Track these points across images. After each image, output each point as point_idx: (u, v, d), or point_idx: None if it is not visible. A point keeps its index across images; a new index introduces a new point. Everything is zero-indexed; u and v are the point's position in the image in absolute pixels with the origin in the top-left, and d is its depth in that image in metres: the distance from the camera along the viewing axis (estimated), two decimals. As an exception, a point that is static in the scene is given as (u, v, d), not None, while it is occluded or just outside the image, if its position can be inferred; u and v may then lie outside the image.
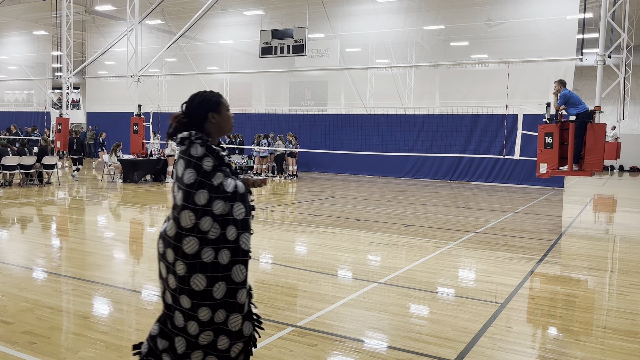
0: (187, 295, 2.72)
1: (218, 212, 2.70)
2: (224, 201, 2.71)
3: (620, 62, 16.89)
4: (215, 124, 2.93)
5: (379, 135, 22.02)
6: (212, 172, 2.73)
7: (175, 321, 2.80)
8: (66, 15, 19.40)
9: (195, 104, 2.93)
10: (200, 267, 2.70)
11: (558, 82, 10.67)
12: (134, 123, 18.03)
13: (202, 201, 2.68)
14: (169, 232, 2.75)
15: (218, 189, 2.71)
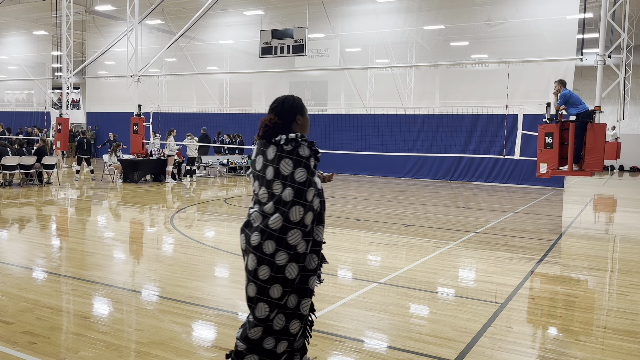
0: (280, 284, 2.93)
1: (315, 208, 2.99)
2: (319, 197, 3.02)
3: (620, 62, 16.88)
4: (300, 125, 3.17)
5: (379, 135, 22.02)
6: (314, 171, 3.04)
7: (257, 312, 2.98)
8: (66, 15, 19.39)
9: (286, 107, 3.16)
10: (294, 257, 2.94)
11: (558, 82, 10.67)
12: (134, 123, 18.03)
13: (310, 197, 2.96)
14: (272, 226, 2.90)
15: (317, 186, 3.02)
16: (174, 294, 5.19)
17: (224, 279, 6.08)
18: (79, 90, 39.41)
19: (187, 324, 4.39)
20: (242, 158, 22.02)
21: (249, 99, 27.26)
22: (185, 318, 4.52)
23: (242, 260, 3.08)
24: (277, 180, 2.95)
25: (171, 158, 17.18)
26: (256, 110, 26.18)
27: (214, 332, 4.23)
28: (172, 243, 7.94)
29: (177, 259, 6.84)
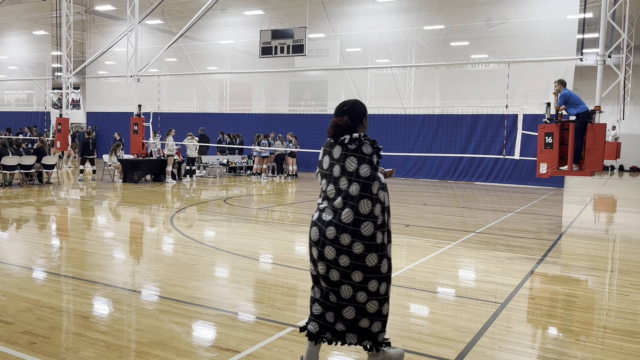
0: (360, 270, 3.24)
1: (382, 200, 3.31)
2: (384, 191, 3.34)
3: (620, 62, 16.88)
4: (363, 127, 3.50)
5: (379, 135, 22.00)
6: (377, 167, 3.36)
7: (341, 294, 3.29)
8: (66, 15, 19.39)
9: (357, 111, 3.48)
10: (374, 247, 3.24)
11: (558, 82, 10.67)
12: (134, 123, 18.03)
13: (375, 191, 3.27)
14: (344, 220, 3.21)
15: (380, 180, 3.35)
16: (174, 294, 5.19)
17: (224, 279, 6.08)
18: (79, 90, 39.43)
19: (187, 324, 4.39)
20: (242, 158, 22.01)
21: (249, 99, 27.26)
22: (185, 318, 4.52)
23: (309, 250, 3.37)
24: (343, 177, 3.29)
25: (171, 158, 17.18)
26: (256, 110, 26.18)
27: (214, 332, 4.23)
28: (172, 243, 7.95)
29: (177, 259, 6.84)
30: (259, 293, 5.41)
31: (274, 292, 5.41)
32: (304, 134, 23.20)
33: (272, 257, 7.16)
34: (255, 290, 5.53)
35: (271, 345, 3.97)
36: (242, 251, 7.34)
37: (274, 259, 7.00)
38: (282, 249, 7.63)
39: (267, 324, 4.41)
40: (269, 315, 4.62)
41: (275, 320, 4.52)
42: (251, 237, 8.38)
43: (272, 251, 7.53)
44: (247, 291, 5.46)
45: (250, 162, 21.63)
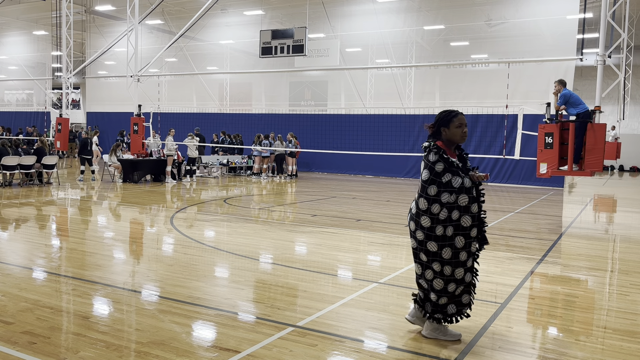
0: (424, 253, 4.07)
1: (444, 201, 3.90)
2: (449, 193, 3.89)
3: (620, 62, 16.89)
4: (446, 134, 4.08)
5: (379, 135, 22.02)
6: (442, 173, 3.91)
7: (416, 270, 4.28)
8: (66, 15, 19.39)
9: (437, 119, 4.13)
10: (434, 237, 3.98)
11: (558, 82, 10.66)
12: (134, 123, 18.03)
13: (432, 193, 3.93)
14: (413, 210, 4.10)
15: (446, 185, 3.90)
16: (174, 294, 5.19)
17: (224, 279, 6.08)
18: (79, 90, 39.43)
19: (187, 324, 4.40)
20: (242, 158, 22.01)
21: (249, 99, 27.26)
22: (185, 318, 4.52)
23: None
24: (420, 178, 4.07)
25: (170, 158, 17.18)
26: (256, 110, 26.18)
27: (214, 332, 4.23)
28: (172, 243, 7.95)
29: (177, 259, 6.84)
30: (259, 293, 5.41)
31: (274, 292, 5.41)
32: (304, 134, 23.20)
33: (272, 257, 7.16)
34: (255, 290, 5.53)
35: (271, 345, 3.97)
36: (242, 251, 7.35)
37: (274, 259, 7.00)
38: (282, 249, 7.63)
39: (267, 324, 4.41)
40: (269, 315, 4.62)
41: (275, 320, 4.52)
42: (251, 237, 8.39)
43: (272, 251, 7.53)
44: (247, 291, 5.46)
45: (250, 162, 21.62)
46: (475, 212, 3.97)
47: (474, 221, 3.96)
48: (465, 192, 3.91)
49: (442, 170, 3.91)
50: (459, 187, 3.90)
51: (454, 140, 4.07)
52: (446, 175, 3.90)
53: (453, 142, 4.09)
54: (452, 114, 4.06)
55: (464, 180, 3.92)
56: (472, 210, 3.95)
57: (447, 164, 3.92)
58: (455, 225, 3.93)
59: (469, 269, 4.08)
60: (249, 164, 21.74)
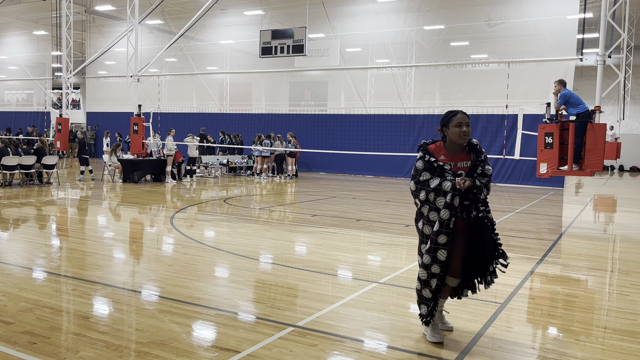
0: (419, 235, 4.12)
1: (422, 198, 4.00)
2: (425, 192, 3.96)
3: (620, 62, 16.88)
4: (447, 135, 4.07)
5: (379, 135, 22.02)
6: (420, 171, 3.99)
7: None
8: (66, 15, 19.39)
9: (440, 120, 4.12)
10: (417, 229, 4.13)
11: (558, 82, 10.66)
12: (134, 123, 18.03)
13: (412, 187, 4.09)
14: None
15: (423, 183, 3.98)
16: (174, 294, 5.19)
17: (224, 279, 6.08)
18: (79, 90, 39.42)
19: (187, 324, 4.40)
20: (242, 158, 22.01)
21: (249, 99, 27.26)
22: (185, 318, 4.52)
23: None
24: None
25: (170, 158, 17.18)
26: (256, 110, 26.18)
27: (214, 332, 4.23)
28: (172, 243, 7.95)
29: (177, 259, 6.84)
30: (259, 293, 5.41)
31: (274, 292, 5.41)
32: (304, 134, 23.19)
33: (272, 257, 7.16)
34: (255, 290, 5.53)
35: (271, 345, 3.97)
36: (242, 251, 7.35)
37: (274, 259, 7.00)
38: (282, 249, 7.63)
39: (267, 324, 4.41)
40: (269, 315, 4.62)
41: (275, 320, 4.52)
42: (251, 237, 8.39)
43: (272, 251, 7.53)
44: (247, 291, 5.46)
45: (250, 162, 21.62)
46: (445, 218, 3.86)
47: (442, 228, 3.87)
48: (443, 195, 3.88)
49: (421, 169, 3.98)
50: (435, 189, 3.91)
51: (453, 139, 4.01)
52: (424, 174, 3.96)
53: (453, 142, 4.03)
54: (451, 113, 4.04)
55: (443, 183, 3.88)
56: (442, 216, 3.87)
57: (427, 164, 3.96)
58: (431, 226, 3.96)
59: (433, 275, 3.96)
60: (249, 164, 21.74)
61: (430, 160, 3.94)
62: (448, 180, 3.87)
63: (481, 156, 4.05)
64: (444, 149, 4.04)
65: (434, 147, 4.06)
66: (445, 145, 4.06)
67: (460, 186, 3.84)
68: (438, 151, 4.04)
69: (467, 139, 4.02)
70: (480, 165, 4.02)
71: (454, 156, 4.04)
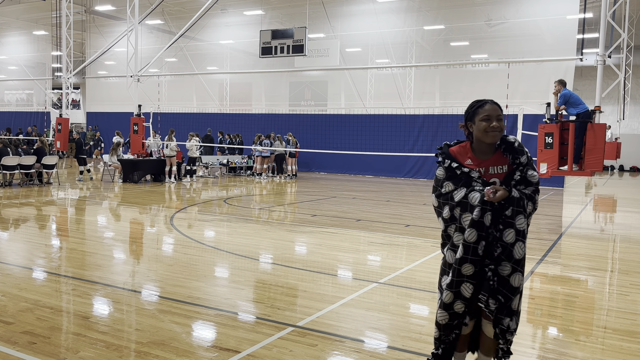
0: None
1: (446, 216, 3.06)
2: (449, 208, 3.03)
3: (620, 62, 16.88)
4: (473, 133, 3.09)
5: (379, 135, 22.01)
6: (442, 181, 3.07)
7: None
8: (66, 15, 19.39)
9: (464, 112, 3.14)
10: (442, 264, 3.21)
11: (558, 82, 10.67)
12: (134, 123, 18.03)
13: (434, 204, 3.14)
14: None
15: (446, 196, 3.05)
16: (174, 294, 5.19)
17: (224, 279, 6.08)
18: (79, 90, 39.41)
19: (187, 324, 4.40)
20: (242, 158, 22.01)
21: (249, 99, 27.26)
22: (185, 318, 4.52)
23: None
24: None
25: (173, 159, 17.17)
26: (256, 110, 26.18)
27: (214, 332, 4.23)
28: (172, 243, 7.95)
29: (177, 259, 6.84)
30: (259, 293, 5.41)
31: (274, 292, 5.41)
32: (304, 134, 23.19)
33: (272, 257, 7.16)
34: (255, 290, 5.53)
35: (271, 345, 3.97)
36: (242, 251, 7.34)
37: (274, 259, 7.00)
38: (282, 249, 7.63)
39: (267, 324, 4.41)
40: (269, 315, 4.62)
41: (275, 320, 4.52)
42: (251, 237, 8.39)
43: (272, 251, 7.53)
44: (247, 291, 5.46)
45: (250, 162, 21.62)
46: (472, 241, 2.94)
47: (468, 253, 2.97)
48: (470, 210, 2.94)
49: (442, 178, 3.07)
50: (461, 203, 2.97)
51: (480, 138, 3.04)
52: (446, 185, 3.04)
53: (480, 142, 3.07)
54: (477, 103, 3.10)
55: (471, 194, 2.95)
56: (467, 238, 2.95)
57: (449, 171, 3.05)
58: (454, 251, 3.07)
59: (454, 314, 3.07)
60: (249, 164, 21.74)
61: (452, 166, 3.05)
62: (476, 191, 2.95)
63: (521, 158, 3.03)
64: (471, 151, 3.10)
65: (457, 149, 3.13)
66: (472, 146, 3.11)
67: (489, 197, 2.89)
68: (463, 154, 3.11)
69: (498, 137, 3.02)
70: (519, 170, 3.03)
71: (483, 159, 3.07)
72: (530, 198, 3.00)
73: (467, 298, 3.01)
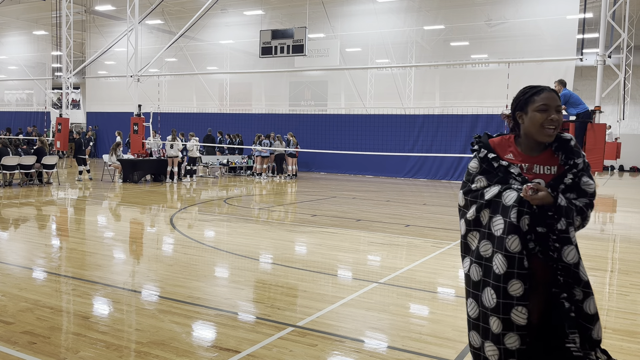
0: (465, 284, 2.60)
1: (470, 217, 2.53)
2: (476, 207, 2.50)
3: (620, 62, 16.88)
4: (525, 126, 2.53)
5: (379, 135, 22.02)
6: (474, 175, 2.57)
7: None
8: (66, 15, 19.39)
9: (513, 100, 2.62)
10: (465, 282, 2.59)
11: (558, 82, 10.67)
12: (134, 123, 18.03)
13: (460, 202, 2.62)
14: None
15: (475, 192, 2.54)
16: (174, 294, 5.19)
17: (224, 279, 6.08)
18: (79, 90, 39.41)
19: (187, 324, 4.39)
20: (242, 158, 22.01)
21: (249, 99, 27.26)
22: (185, 318, 4.52)
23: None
24: None
25: (176, 159, 17.15)
26: (256, 110, 26.18)
27: (214, 332, 4.23)
28: (172, 243, 7.95)
29: (177, 259, 6.84)
30: (259, 293, 5.41)
31: (274, 292, 5.41)
32: (304, 134, 23.19)
33: (272, 257, 7.16)
34: (255, 290, 5.53)
35: (271, 345, 3.97)
36: (242, 251, 7.34)
37: (274, 259, 7.00)
38: (282, 249, 7.63)
39: (267, 324, 4.41)
40: (269, 315, 4.62)
41: (275, 320, 4.52)
42: (251, 237, 8.39)
43: (272, 251, 7.53)
44: (247, 291, 5.46)
45: (250, 162, 21.62)
46: (516, 251, 2.35)
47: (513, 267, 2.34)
48: (503, 213, 2.39)
49: (475, 171, 2.57)
50: (491, 202, 2.45)
51: (531, 132, 2.50)
52: (478, 180, 2.54)
53: (530, 137, 2.53)
54: (532, 90, 2.54)
55: (506, 192, 2.42)
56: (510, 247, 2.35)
57: (484, 163, 2.56)
58: (485, 266, 2.44)
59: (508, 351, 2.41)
60: (249, 164, 21.74)
61: (489, 156, 2.55)
62: (513, 189, 2.42)
63: (576, 161, 2.49)
64: (514, 144, 2.60)
65: (499, 140, 2.63)
66: (517, 140, 2.60)
67: (526, 195, 2.36)
68: (504, 146, 2.60)
69: (555, 134, 2.48)
70: (572, 173, 2.48)
71: (530, 156, 2.55)
72: (581, 212, 2.44)
73: (522, 326, 2.37)
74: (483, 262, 2.44)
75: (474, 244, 2.52)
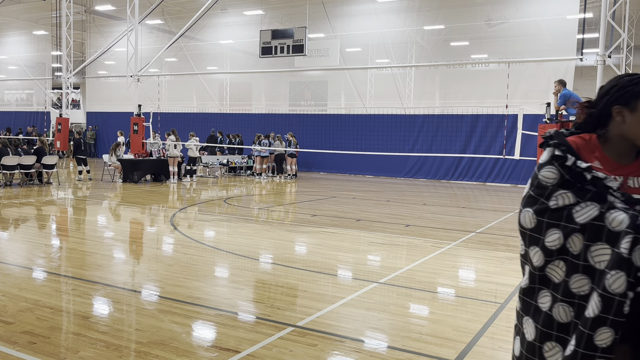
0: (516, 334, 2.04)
1: (553, 246, 1.86)
2: (564, 233, 1.84)
3: (620, 62, 16.88)
4: (621, 126, 1.93)
5: (379, 135, 22.02)
6: (553, 188, 1.88)
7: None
8: (66, 15, 19.39)
9: (604, 90, 2.03)
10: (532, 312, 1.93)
11: (558, 82, 10.67)
12: (134, 123, 18.03)
13: (527, 224, 1.92)
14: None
15: (557, 213, 1.86)
16: (174, 294, 5.19)
17: (224, 279, 6.08)
18: (79, 90, 39.40)
19: (187, 324, 4.40)
20: (242, 158, 22.01)
21: (249, 99, 27.25)
22: (185, 318, 4.52)
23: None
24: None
25: (176, 159, 17.15)
26: (256, 110, 26.18)
27: (214, 332, 4.23)
28: (172, 243, 7.95)
29: (177, 259, 6.84)
30: (259, 293, 5.41)
31: (274, 292, 5.41)
32: (304, 134, 23.19)
33: (272, 257, 7.16)
34: (255, 290, 5.53)
35: (271, 345, 3.97)
36: (242, 251, 7.35)
37: (274, 259, 7.00)
38: (282, 249, 7.63)
39: (267, 324, 4.41)
40: (269, 315, 4.62)
41: (275, 320, 4.52)
42: (251, 237, 8.39)
43: (272, 251, 7.53)
44: (247, 291, 5.46)
45: (250, 162, 21.62)
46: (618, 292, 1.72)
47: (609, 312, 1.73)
48: (609, 240, 1.77)
49: (553, 182, 1.89)
50: (589, 226, 1.81)
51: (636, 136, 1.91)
52: (562, 196, 1.86)
53: (628, 141, 1.94)
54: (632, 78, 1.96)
55: (611, 216, 1.78)
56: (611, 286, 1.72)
57: (569, 173, 1.89)
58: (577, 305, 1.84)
59: None
60: (249, 164, 21.74)
61: (579, 166, 1.89)
62: (621, 211, 1.78)
63: None
64: (600, 149, 1.99)
65: (579, 141, 1.99)
66: (602, 142, 1.99)
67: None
68: (588, 150, 1.98)
69: None
70: None
71: (620, 164, 1.96)
72: None
73: None
74: (576, 301, 1.85)
75: (557, 277, 1.88)
